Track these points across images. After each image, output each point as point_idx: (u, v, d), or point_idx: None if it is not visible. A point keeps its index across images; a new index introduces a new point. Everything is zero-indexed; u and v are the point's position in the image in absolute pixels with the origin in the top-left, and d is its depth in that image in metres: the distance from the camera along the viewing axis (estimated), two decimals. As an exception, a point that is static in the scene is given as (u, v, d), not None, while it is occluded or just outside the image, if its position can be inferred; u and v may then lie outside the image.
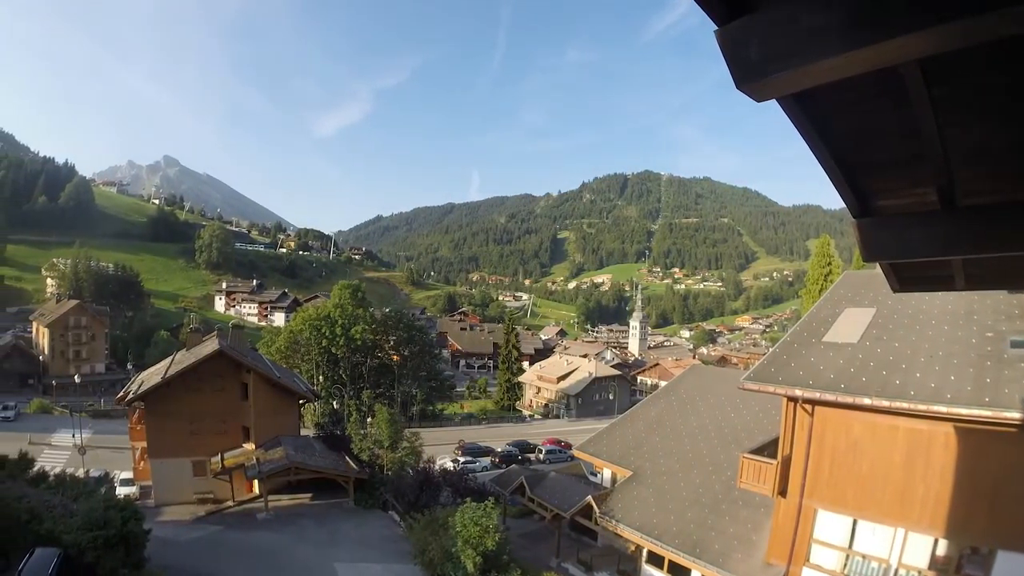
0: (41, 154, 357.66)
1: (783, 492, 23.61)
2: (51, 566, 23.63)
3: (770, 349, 27.36)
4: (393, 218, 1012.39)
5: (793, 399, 23.22)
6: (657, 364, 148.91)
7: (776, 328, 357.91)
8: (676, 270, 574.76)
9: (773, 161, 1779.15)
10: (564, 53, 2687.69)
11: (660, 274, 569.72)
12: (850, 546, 22.09)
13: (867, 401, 20.48)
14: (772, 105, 3.85)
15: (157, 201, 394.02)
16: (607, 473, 41.16)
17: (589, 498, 34.78)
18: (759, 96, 3.53)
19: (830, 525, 22.57)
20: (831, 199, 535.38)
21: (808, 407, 22.90)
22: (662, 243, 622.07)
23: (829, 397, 21.53)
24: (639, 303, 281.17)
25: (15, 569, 23.67)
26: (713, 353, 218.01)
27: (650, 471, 36.14)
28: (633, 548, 33.13)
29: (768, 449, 26.00)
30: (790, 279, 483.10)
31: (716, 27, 3.37)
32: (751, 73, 3.31)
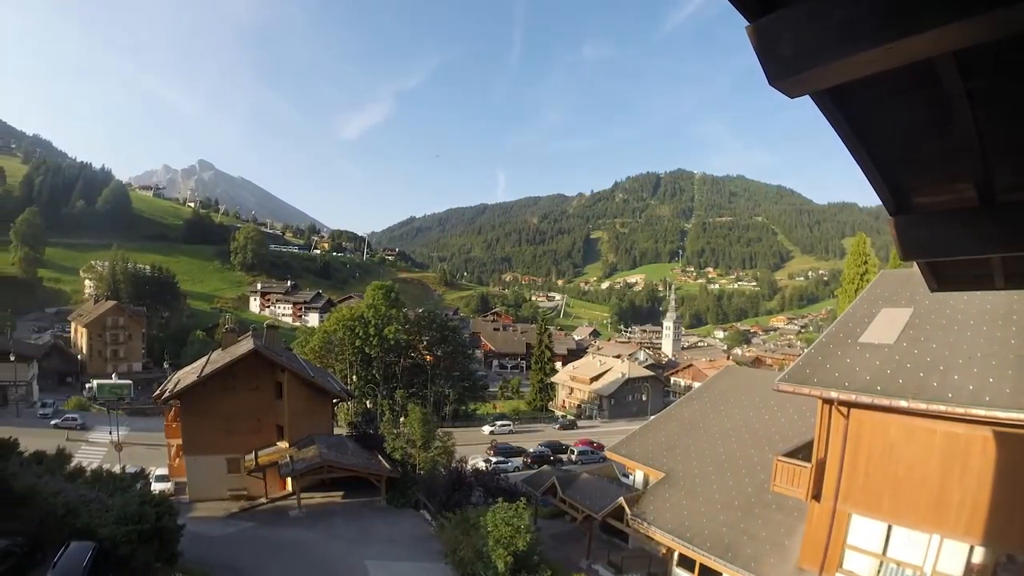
0: (78, 159, 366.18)
1: (817, 496, 23.22)
2: (86, 559, 24.21)
3: (805, 350, 26.92)
4: (426, 219, 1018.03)
5: (828, 401, 22.87)
6: (691, 365, 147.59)
7: (811, 328, 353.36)
8: (710, 270, 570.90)
9: (807, 157, 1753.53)
10: (581, 49, 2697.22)
11: (694, 274, 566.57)
12: (884, 552, 21.65)
13: (903, 404, 20.06)
14: (807, 100, 3.78)
15: (192, 204, 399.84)
16: (639, 475, 40.89)
17: (621, 500, 34.61)
18: (792, 92, 3.47)
19: (864, 530, 22.16)
20: (867, 196, 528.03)
21: (843, 409, 22.52)
22: (696, 242, 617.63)
23: (865, 399, 21.13)
24: (672, 303, 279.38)
25: (51, 561, 24.24)
26: (747, 354, 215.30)
27: (683, 473, 35.83)
28: (664, 551, 32.92)
29: (802, 452, 25.62)
30: (825, 278, 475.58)
31: (747, 23, 3.31)
32: (784, 69, 3.25)
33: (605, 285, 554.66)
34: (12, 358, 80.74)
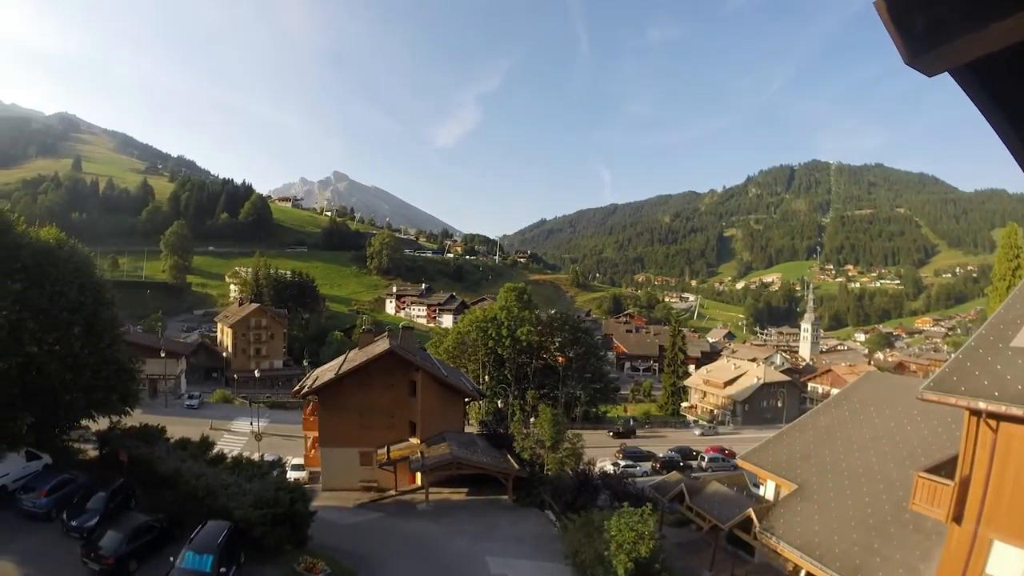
0: (220, 176, 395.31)
1: (958, 518, 21.36)
2: (221, 536, 26.60)
3: (952, 355, 25.08)
4: (557, 221, 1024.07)
5: (976, 413, 21.16)
6: (829, 370, 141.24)
7: (959, 331, 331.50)
8: (850, 267, 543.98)
9: (950, 141, 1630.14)
10: (646, 33, 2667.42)
11: (832, 272, 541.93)
12: (1022, 586, 19.81)
13: (1057, 418, 18.42)
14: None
15: (329, 213, 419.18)
16: (771, 485, 39.38)
17: (750, 511, 33.52)
18: (930, 70, 3.18)
19: (1005, 559, 20.08)
20: (1018, 181, 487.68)
21: (992, 422, 20.82)
22: (834, 238, 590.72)
23: (1016, 411, 19.39)
24: (810, 304, 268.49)
25: (188, 536, 26.83)
26: (890, 359, 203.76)
27: (816, 486, 34.20)
28: (791, 567, 31.63)
29: (946, 468, 23.79)
30: (974, 275, 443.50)
31: (875, -1, 3.09)
32: (919, 46, 2.99)
33: (740, 285, 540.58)
34: (163, 355, 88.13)
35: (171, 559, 25.84)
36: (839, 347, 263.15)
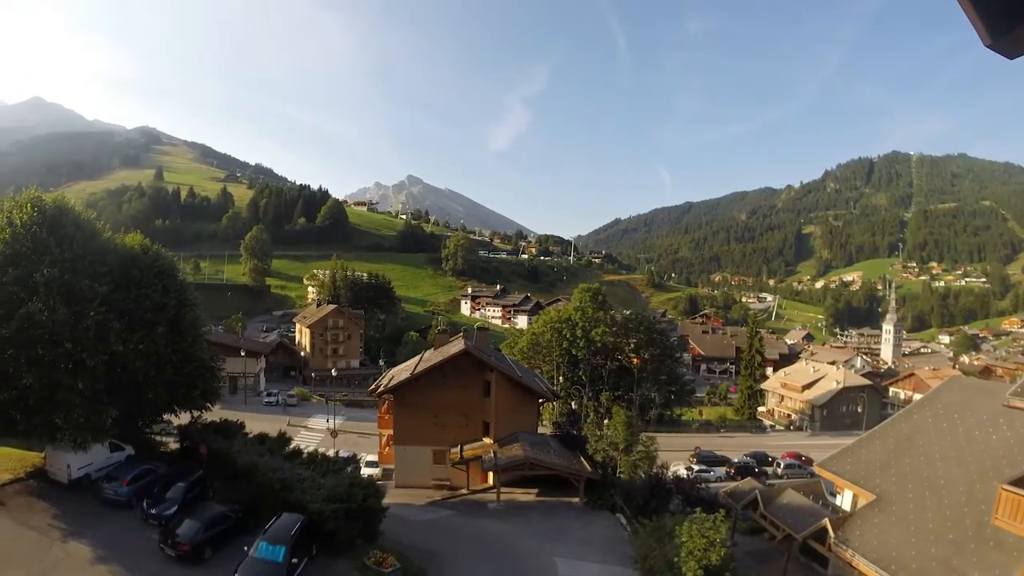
0: (297, 182, 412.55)
1: None
2: (294, 528, 27.88)
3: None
4: (631, 220, 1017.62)
5: (1063, 423, 20.38)
6: (912, 374, 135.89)
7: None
8: (934, 264, 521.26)
9: None
10: (684, 26, 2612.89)
11: (916, 270, 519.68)
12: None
13: None
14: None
15: (404, 216, 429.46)
16: (848, 495, 38.39)
17: (825, 521, 32.74)
18: (1011, 52, 3.08)
19: None
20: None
21: (1081, 434, 19.98)
22: (917, 234, 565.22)
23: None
24: (892, 304, 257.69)
25: (263, 527, 28.23)
26: (976, 362, 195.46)
27: (895, 497, 33.16)
28: (865, 582, 30.77)
29: (1032, 481, 22.93)
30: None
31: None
32: (999, 27, 2.90)
33: (819, 284, 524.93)
34: (243, 353, 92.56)
35: (245, 549, 27.11)
36: (922, 350, 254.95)
